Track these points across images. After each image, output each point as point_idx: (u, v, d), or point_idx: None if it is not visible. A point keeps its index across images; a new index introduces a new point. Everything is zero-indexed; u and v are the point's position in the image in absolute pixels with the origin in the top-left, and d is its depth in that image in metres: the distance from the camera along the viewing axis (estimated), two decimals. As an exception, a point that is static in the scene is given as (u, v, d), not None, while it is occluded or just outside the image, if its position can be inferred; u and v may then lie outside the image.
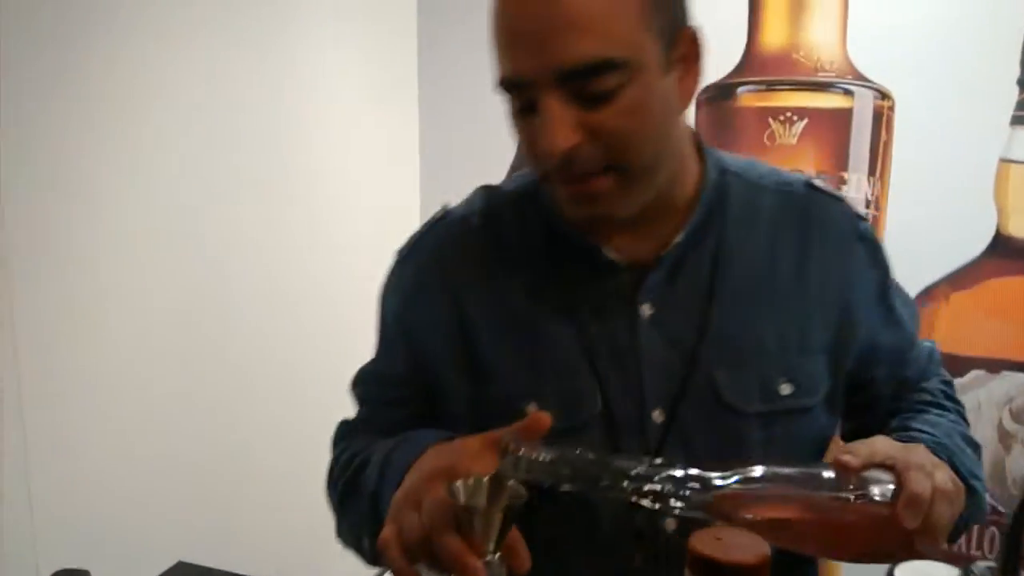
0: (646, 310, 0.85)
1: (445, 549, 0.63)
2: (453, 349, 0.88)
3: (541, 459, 0.62)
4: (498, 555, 0.64)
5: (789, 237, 0.88)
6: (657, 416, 0.84)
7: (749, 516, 0.65)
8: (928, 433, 0.84)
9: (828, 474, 0.68)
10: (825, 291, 0.87)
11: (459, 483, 0.64)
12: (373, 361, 0.98)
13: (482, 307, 0.88)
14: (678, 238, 0.85)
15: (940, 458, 0.73)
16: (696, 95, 0.81)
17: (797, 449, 0.86)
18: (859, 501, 0.67)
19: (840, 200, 0.92)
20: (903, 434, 0.85)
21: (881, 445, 0.71)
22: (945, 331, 1.97)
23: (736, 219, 0.87)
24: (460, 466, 0.69)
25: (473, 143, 2.19)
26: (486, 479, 0.63)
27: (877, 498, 0.68)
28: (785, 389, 0.84)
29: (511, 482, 0.63)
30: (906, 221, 1.96)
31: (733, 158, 0.92)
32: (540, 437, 0.68)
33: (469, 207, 0.93)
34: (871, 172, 1.98)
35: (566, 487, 0.63)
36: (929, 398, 0.93)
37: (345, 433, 0.97)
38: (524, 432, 0.69)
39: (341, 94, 2.11)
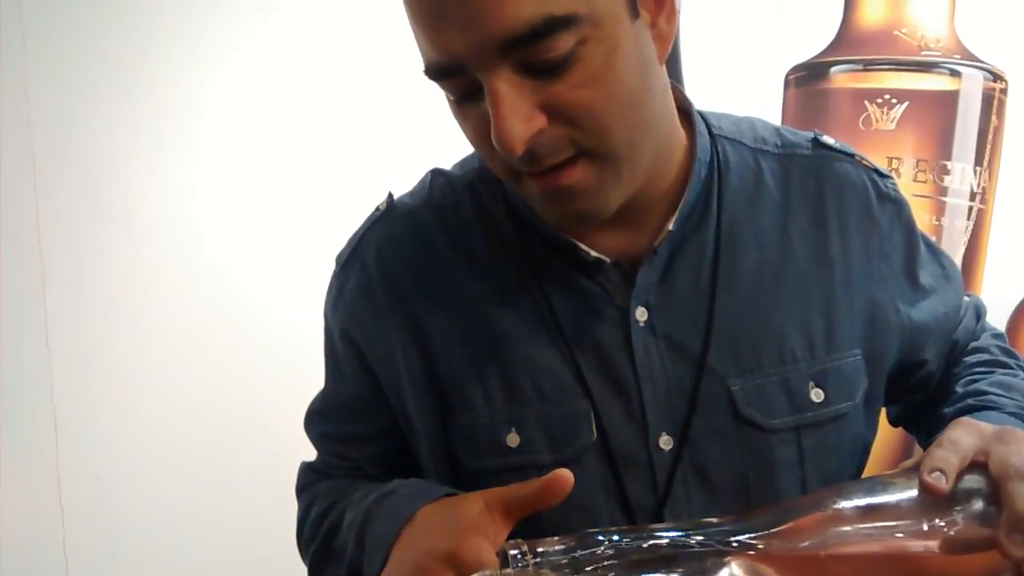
0: (640, 315, 0.70)
1: None
2: (412, 370, 0.73)
3: (563, 562, 0.50)
4: None
5: (802, 211, 0.73)
6: (664, 443, 0.69)
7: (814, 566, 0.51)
8: (1007, 397, 0.73)
9: (906, 494, 0.53)
10: (849, 272, 0.73)
11: None
12: (323, 395, 0.83)
13: (442, 319, 0.73)
14: (670, 226, 0.70)
15: None
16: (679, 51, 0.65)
17: (832, 464, 0.72)
18: (953, 527, 0.52)
19: (852, 155, 0.77)
20: (979, 398, 0.74)
21: (966, 438, 0.56)
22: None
23: (737, 196, 0.72)
24: (464, 550, 0.55)
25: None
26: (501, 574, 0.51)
27: (975, 519, 0.53)
28: (816, 395, 0.70)
29: None
30: (1015, 217, 1.79)
31: (727, 119, 0.77)
32: (561, 499, 0.58)
33: (417, 197, 0.78)
34: (978, 162, 1.80)
35: None
36: (988, 357, 0.80)
37: (310, 481, 0.82)
38: (542, 493, 0.57)
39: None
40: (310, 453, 0.85)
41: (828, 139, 0.77)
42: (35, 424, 1.47)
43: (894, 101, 1.81)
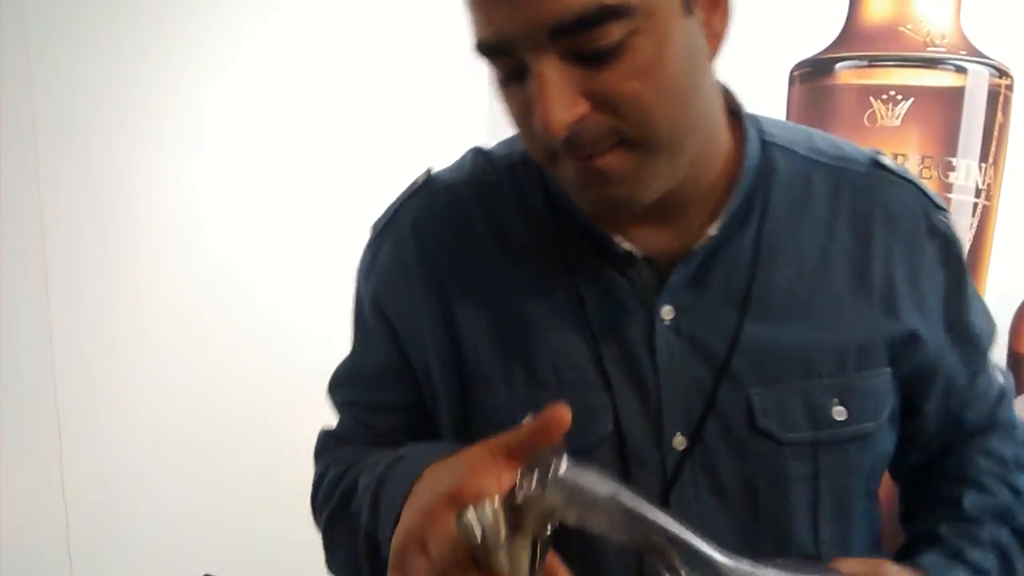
0: (666, 313, 0.70)
1: None
2: (438, 345, 0.73)
3: (584, 489, 0.50)
4: None
5: (847, 229, 0.72)
6: (678, 443, 0.69)
7: None
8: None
9: None
10: (888, 298, 0.71)
11: (469, 514, 0.50)
12: (350, 359, 0.83)
13: (470, 299, 0.73)
14: (712, 230, 0.69)
15: None
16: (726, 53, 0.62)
17: (848, 482, 0.72)
18: None
19: (913, 183, 0.75)
20: (945, 555, 0.73)
21: None
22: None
23: (782, 206, 0.72)
24: (466, 486, 0.55)
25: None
26: (499, 503, 0.51)
27: None
28: (838, 413, 0.69)
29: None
30: (1020, 214, 1.78)
31: (781, 126, 0.75)
32: (557, 440, 0.57)
33: (458, 173, 0.77)
34: (983, 158, 1.79)
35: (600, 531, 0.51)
36: (989, 481, 0.76)
37: (327, 447, 0.82)
38: (541, 432, 0.56)
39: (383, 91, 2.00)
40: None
41: (887, 161, 0.76)
42: (39, 423, 1.47)
43: (899, 97, 1.80)
